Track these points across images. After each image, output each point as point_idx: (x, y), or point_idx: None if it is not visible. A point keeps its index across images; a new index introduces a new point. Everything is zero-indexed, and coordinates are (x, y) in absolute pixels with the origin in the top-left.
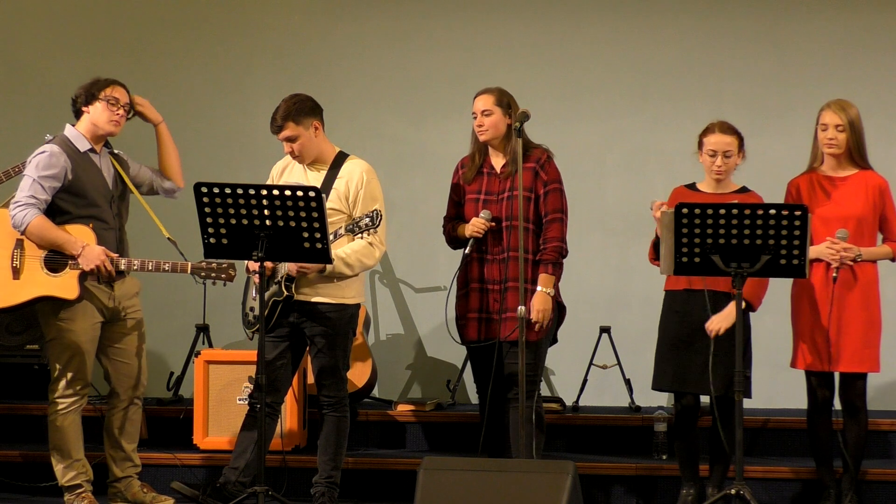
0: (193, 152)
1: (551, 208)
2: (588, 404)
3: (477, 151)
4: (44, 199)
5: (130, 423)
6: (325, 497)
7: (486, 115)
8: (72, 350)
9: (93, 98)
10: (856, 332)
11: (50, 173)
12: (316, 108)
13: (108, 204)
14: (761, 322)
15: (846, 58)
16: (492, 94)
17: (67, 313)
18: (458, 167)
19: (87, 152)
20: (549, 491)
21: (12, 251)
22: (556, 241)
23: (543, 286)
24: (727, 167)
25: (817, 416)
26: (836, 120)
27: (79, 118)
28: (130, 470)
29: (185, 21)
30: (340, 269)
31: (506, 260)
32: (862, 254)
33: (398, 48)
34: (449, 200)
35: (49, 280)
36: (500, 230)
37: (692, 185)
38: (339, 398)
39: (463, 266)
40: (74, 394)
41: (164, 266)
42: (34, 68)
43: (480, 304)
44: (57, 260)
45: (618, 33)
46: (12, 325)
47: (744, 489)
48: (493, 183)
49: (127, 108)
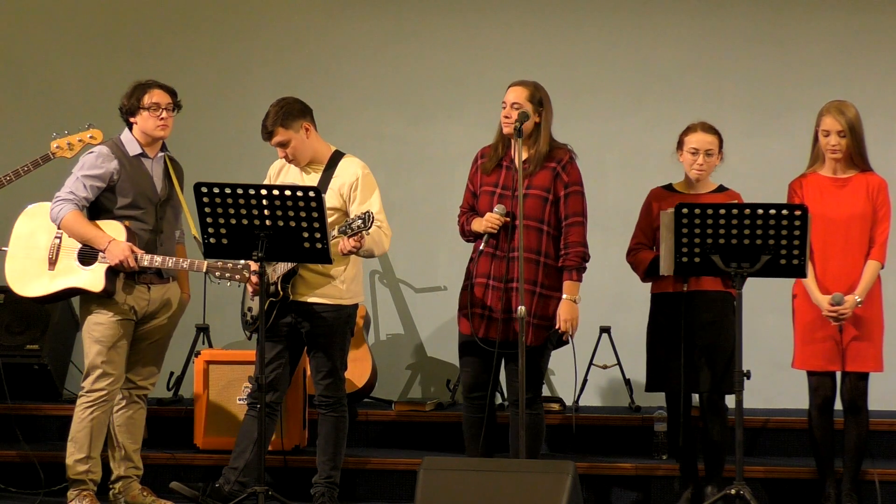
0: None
1: (572, 211)
2: (588, 404)
3: (500, 142)
4: (83, 196)
5: (133, 423)
6: (324, 497)
7: (515, 108)
8: (100, 345)
9: (136, 109)
10: (859, 331)
11: (94, 173)
12: (305, 110)
13: (152, 207)
14: (761, 322)
15: (846, 58)
16: (526, 88)
17: (99, 307)
18: (477, 156)
19: (137, 156)
20: (549, 491)
21: (52, 242)
22: (579, 245)
23: (569, 294)
24: (708, 166)
25: (818, 416)
26: (836, 126)
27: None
28: (131, 471)
29: (185, 21)
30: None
31: (516, 259)
32: (861, 299)
33: (398, 48)
34: (466, 191)
35: (80, 273)
36: (513, 227)
37: (668, 185)
38: (337, 398)
39: (482, 260)
40: (101, 388)
41: (182, 264)
42: (34, 68)
43: (483, 301)
44: (89, 253)
45: (618, 33)
46: (12, 325)
47: (744, 489)
48: (511, 177)
49: (171, 107)
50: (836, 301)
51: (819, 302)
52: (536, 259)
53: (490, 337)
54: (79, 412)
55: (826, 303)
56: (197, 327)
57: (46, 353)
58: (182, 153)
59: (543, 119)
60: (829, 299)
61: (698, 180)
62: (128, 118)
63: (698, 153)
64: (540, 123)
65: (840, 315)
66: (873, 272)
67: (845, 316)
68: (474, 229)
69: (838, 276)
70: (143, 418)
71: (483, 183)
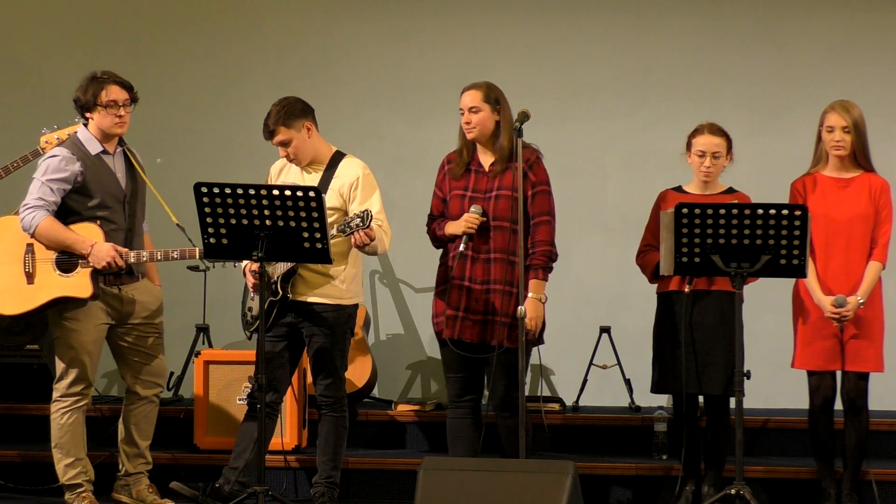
0: (193, 152)
1: (539, 210)
2: (588, 404)
3: (465, 147)
4: (52, 200)
5: (146, 421)
6: (325, 497)
7: (473, 112)
8: (75, 350)
9: (92, 106)
10: (859, 331)
11: (59, 177)
12: (306, 110)
13: (119, 205)
14: (761, 322)
15: (846, 58)
16: (479, 90)
17: (73, 313)
18: (444, 162)
19: (98, 154)
20: (549, 491)
21: (24, 257)
22: (546, 244)
23: (535, 292)
24: (716, 168)
25: (818, 416)
26: (842, 122)
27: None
28: (142, 467)
29: (185, 21)
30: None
31: (490, 261)
32: (863, 299)
33: (398, 48)
34: (434, 198)
35: (62, 281)
36: (487, 229)
37: (679, 187)
38: (337, 398)
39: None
40: (76, 393)
41: (172, 254)
42: (34, 67)
43: (459, 303)
44: (68, 261)
45: (618, 33)
46: (12, 325)
47: (744, 489)
48: (481, 181)
49: (128, 104)
50: (840, 303)
51: (822, 303)
52: (509, 259)
53: (465, 339)
54: (57, 418)
55: (829, 304)
56: (197, 327)
57: (46, 353)
58: (182, 153)
59: (502, 117)
60: (832, 300)
61: (706, 183)
62: (83, 113)
63: (705, 156)
64: (500, 121)
65: (843, 317)
66: (875, 273)
67: (848, 317)
68: (450, 232)
69: (840, 276)
70: (155, 414)
71: (452, 188)
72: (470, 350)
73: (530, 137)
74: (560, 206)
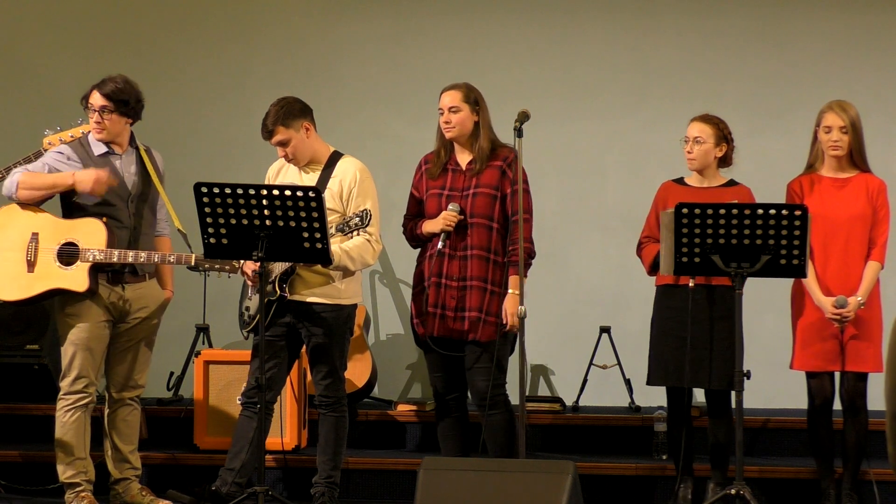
0: (193, 152)
1: (517, 208)
2: (588, 404)
3: (442, 148)
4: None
5: (126, 425)
6: (325, 497)
7: (453, 112)
8: (76, 347)
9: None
10: (859, 331)
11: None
12: (305, 110)
13: (124, 204)
14: (761, 322)
15: (846, 58)
16: (459, 91)
17: (74, 309)
18: (421, 163)
19: (103, 155)
20: (549, 491)
21: (27, 245)
22: (524, 241)
23: (514, 289)
24: (698, 153)
25: (818, 416)
26: (839, 122)
27: None
28: (128, 472)
29: (185, 21)
30: (345, 263)
31: (467, 258)
32: (863, 299)
33: (398, 48)
34: (410, 198)
35: (61, 273)
36: (464, 226)
37: (680, 179)
38: (337, 398)
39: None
40: (79, 391)
41: (168, 258)
42: (34, 67)
43: (437, 301)
44: (70, 252)
45: (618, 33)
46: (12, 325)
47: (744, 489)
48: (458, 179)
49: (106, 110)
50: (840, 304)
51: (822, 303)
52: (487, 256)
53: (443, 336)
54: (60, 416)
55: (829, 305)
56: (197, 327)
57: (46, 353)
58: (182, 153)
59: (481, 117)
60: (832, 301)
61: (691, 169)
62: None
63: (688, 141)
64: (479, 122)
65: (844, 318)
66: (874, 273)
67: (849, 318)
68: (428, 230)
69: (838, 276)
70: (138, 420)
71: (430, 187)
72: (448, 347)
73: (530, 137)
74: (560, 205)
